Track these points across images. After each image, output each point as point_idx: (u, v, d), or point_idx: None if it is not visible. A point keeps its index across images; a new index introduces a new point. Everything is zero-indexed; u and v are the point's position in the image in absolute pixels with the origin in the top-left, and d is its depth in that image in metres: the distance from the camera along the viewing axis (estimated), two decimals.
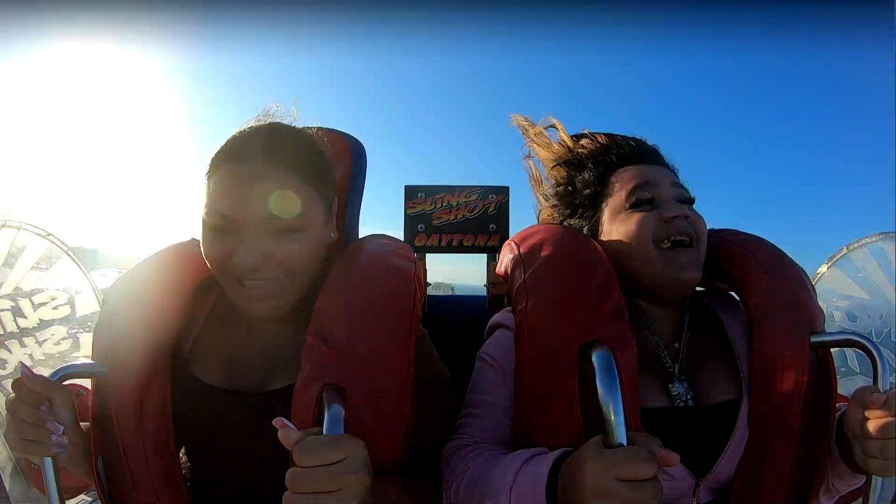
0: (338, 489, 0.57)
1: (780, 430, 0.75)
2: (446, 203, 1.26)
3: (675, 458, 0.59)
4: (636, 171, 0.86)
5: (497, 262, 0.97)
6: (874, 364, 0.73)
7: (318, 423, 0.63)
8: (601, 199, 0.88)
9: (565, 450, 0.65)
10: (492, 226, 1.25)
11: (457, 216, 1.26)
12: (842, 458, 0.74)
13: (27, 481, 1.78)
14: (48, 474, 0.70)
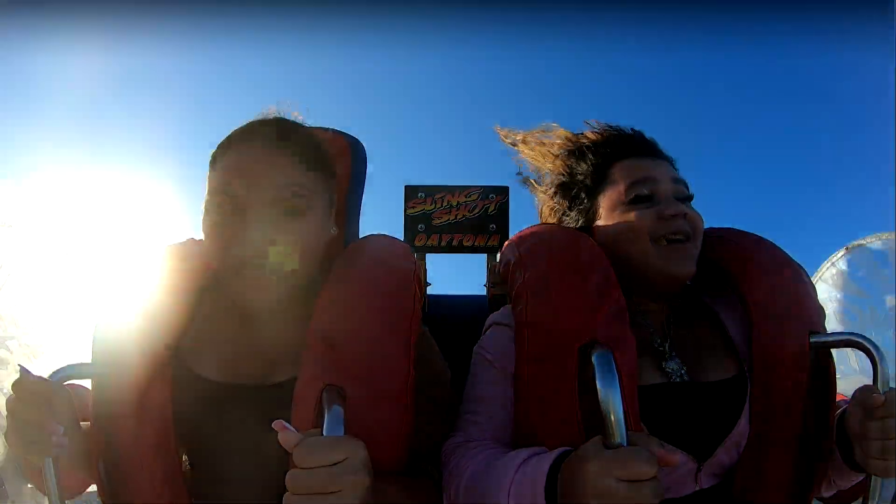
0: (338, 490, 0.57)
1: (781, 430, 0.75)
2: (446, 203, 1.26)
3: (676, 458, 0.59)
4: (636, 164, 0.86)
5: (497, 262, 0.97)
6: (874, 364, 0.73)
7: (319, 423, 0.63)
8: (600, 188, 0.88)
9: (565, 449, 0.65)
10: (492, 226, 1.24)
11: (457, 216, 1.26)
12: (842, 458, 0.74)
13: (27, 481, 1.78)
14: (48, 474, 0.70)
